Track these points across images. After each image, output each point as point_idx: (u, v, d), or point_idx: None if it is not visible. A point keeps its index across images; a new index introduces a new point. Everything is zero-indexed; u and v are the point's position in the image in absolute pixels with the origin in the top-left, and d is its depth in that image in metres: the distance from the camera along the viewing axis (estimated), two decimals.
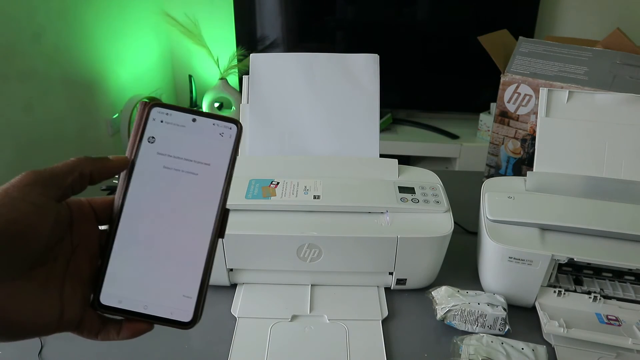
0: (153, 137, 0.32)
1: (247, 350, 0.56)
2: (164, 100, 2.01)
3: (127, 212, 0.32)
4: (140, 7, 1.93)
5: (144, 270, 0.31)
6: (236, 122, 0.33)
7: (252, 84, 0.75)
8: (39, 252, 0.28)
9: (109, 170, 0.31)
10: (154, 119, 0.32)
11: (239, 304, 0.63)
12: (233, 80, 2.13)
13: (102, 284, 0.31)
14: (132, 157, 0.32)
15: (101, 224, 0.33)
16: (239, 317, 0.61)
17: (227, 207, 0.32)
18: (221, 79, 2.05)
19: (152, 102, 0.33)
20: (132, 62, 1.89)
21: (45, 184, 0.28)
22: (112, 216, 0.32)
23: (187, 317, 0.31)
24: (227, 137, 0.32)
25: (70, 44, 1.53)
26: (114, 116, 1.77)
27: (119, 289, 0.31)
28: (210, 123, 0.32)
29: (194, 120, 0.32)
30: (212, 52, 2.05)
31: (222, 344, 0.57)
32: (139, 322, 0.31)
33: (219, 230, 0.32)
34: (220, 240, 0.32)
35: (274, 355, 0.56)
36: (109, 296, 0.31)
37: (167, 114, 0.32)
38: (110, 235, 0.31)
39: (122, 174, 0.32)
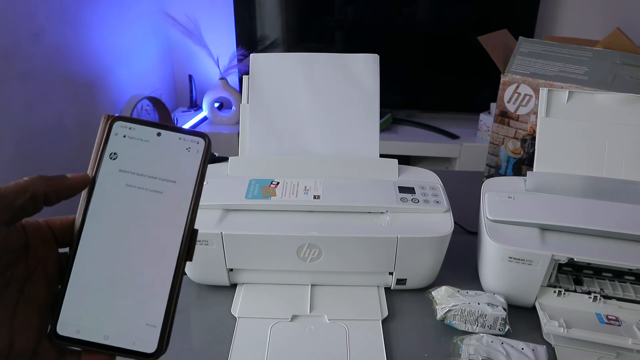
0: (115, 153, 0.30)
1: (247, 350, 0.56)
2: (164, 100, 2.01)
3: (87, 235, 0.29)
4: (140, 7, 1.93)
5: (104, 298, 0.29)
6: (204, 136, 0.31)
7: (252, 84, 0.75)
8: None
9: (67, 189, 0.29)
10: (116, 134, 0.31)
11: (239, 304, 0.63)
12: (233, 80, 2.13)
13: (60, 312, 0.29)
14: (93, 175, 0.30)
15: (61, 246, 0.30)
16: (239, 317, 0.61)
17: (196, 227, 0.30)
18: (221, 79, 2.05)
19: (114, 117, 0.31)
20: (132, 62, 1.89)
21: None
22: (72, 238, 0.30)
23: (150, 347, 0.28)
24: (194, 152, 0.30)
25: (70, 44, 1.53)
26: None
27: (77, 317, 0.29)
28: (176, 137, 0.31)
29: (158, 134, 0.31)
30: (212, 52, 2.05)
31: (222, 344, 0.57)
32: (98, 354, 0.28)
33: (186, 252, 0.30)
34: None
35: (274, 355, 0.56)
36: (66, 326, 0.28)
37: (130, 128, 0.31)
38: (69, 260, 0.29)
39: (83, 193, 0.30)
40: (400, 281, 0.65)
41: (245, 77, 0.75)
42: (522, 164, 0.92)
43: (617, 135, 0.69)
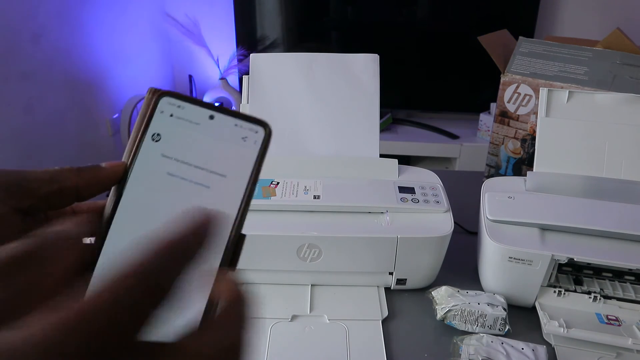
0: (159, 135, 0.26)
1: None
2: None
3: (117, 227, 0.25)
4: (140, 7, 1.93)
5: None
6: (264, 124, 0.27)
7: (252, 84, 0.75)
8: None
9: (101, 181, 0.25)
10: (162, 112, 0.26)
11: None
12: (233, 80, 2.13)
13: None
14: (131, 156, 0.26)
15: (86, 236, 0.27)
16: None
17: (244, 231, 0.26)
18: (221, 79, 2.05)
19: (162, 91, 0.26)
20: (132, 62, 1.89)
21: (7, 190, 0.22)
22: (99, 230, 0.26)
23: None
24: (251, 142, 0.26)
25: (70, 44, 1.53)
26: (114, 116, 1.77)
27: None
28: (231, 123, 0.26)
29: (211, 117, 0.26)
30: (212, 52, 2.05)
31: None
32: None
33: (230, 259, 0.26)
34: None
35: (274, 355, 0.56)
36: None
37: (179, 106, 0.26)
38: (95, 252, 0.25)
39: None
40: (400, 281, 0.65)
41: (245, 77, 0.75)
42: (522, 164, 0.92)
43: (617, 135, 0.69)
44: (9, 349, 0.16)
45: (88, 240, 0.26)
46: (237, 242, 0.26)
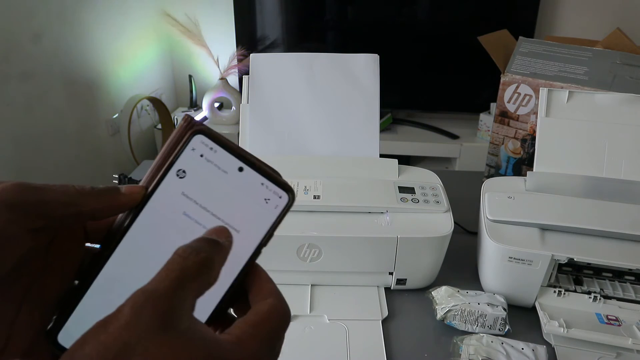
0: (184, 172, 0.25)
1: None
2: (164, 100, 2.01)
3: (122, 252, 0.25)
4: (140, 7, 1.93)
5: None
6: (290, 190, 0.26)
7: (252, 84, 0.75)
8: None
9: (119, 207, 0.25)
10: (193, 149, 0.25)
11: None
12: (233, 80, 2.13)
13: (68, 318, 0.24)
14: (152, 185, 0.26)
15: (90, 242, 0.27)
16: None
17: None
18: (221, 79, 2.05)
19: (198, 126, 0.26)
20: (132, 62, 1.89)
21: (24, 210, 0.22)
22: (104, 243, 0.26)
23: None
24: (272, 206, 0.26)
25: (70, 44, 1.53)
26: (114, 116, 1.77)
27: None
28: (258, 182, 0.26)
29: (240, 169, 0.26)
30: (212, 52, 2.05)
31: None
32: None
33: (222, 309, 0.26)
34: None
35: None
36: (69, 337, 0.24)
37: (211, 148, 0.25)
38: (95, 267, 0.25)
39: None
40: (400, 281, 0.65)
41: (245, 77, 0.75)
42: (522, 164, 0.92)
43: (617, 135, 0.69)
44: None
45: (90, 245, 0.26)
46: (231, 296, 0.26)
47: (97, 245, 0.26)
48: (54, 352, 0.25)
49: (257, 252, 0.26)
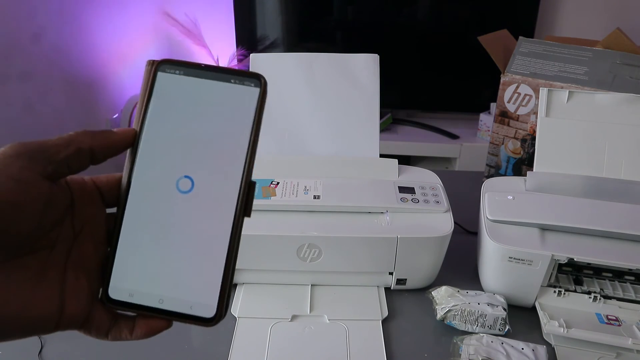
0: (161, 102, 0.28)
1: (247, 350, 0.56)
2: None
3: (135, 192, 0.27)
4: (140, 7, 1.93)
5: (157, 259, 0.27)
6: (258, 77, 0.28)
7: None
8: (28, 237, 0.24)
9: (113, 144, 0.27)
10: (162, 80, 0.28)
11: (239, 304, 0.63)
12: None
13: (110, 275, 0.27)
14: (139, 127, 0.27)
15: (108, 206, 0.28)
16: (239, 317, 0.61)
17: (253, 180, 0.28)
18: None
19: (159, 61, 0.28)
20: (132, 62, 1.89)
21: (31, 157, 0.24)
22: (120, 197, 0.28)
23: (209, 312, 0.26)
24: (249, 96, 0.27)
25: (70, 44, 1.53)
26: (114, 116, 1.77)
27: (130, 281, 0.27)
28: (228, 80, 0.27)
29: (208, 78, 0.28)
30: (212, 52, 2.05)
31: (222, 344, 0.57)
32: (154, 319, 0.27)
33: (244, 207, 0.27)
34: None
35: (274, 355, 0.56)
36: (118, 290, 0.27)
37: (176, 72, 0.28)
38: (118, 219, 0.27)
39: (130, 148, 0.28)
40: (400, 281, 0.65)
41: None
42: (522, 164, 0.92)
43: (617, 135, 0.69)
44: None
45: (111, 211, 0.28)
46: (248, 189, 0.27)
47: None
48: (114, 311, 0.27)
49: (253, 145, 0.27)
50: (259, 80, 0.28)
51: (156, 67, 0.28)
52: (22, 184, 0.23)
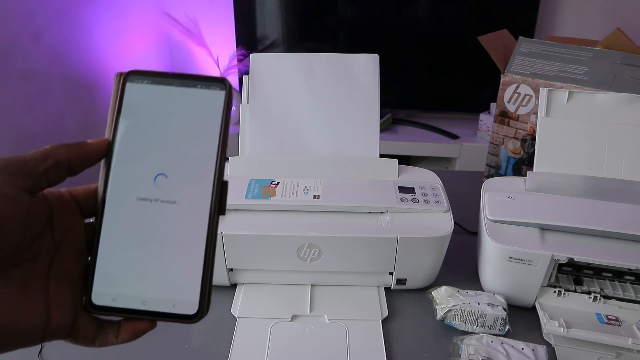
0: (131, 111, 0.29)
1: (247, 350, 0.56)
2: None
3: (111, 200, 0.28)
4: (140, 7, 1.93)
5: (136, 262, 0.28)
6: (223, 80, 0.29)
7: (252, 84, 0.75)
8: (10, 250, 0.24)
9: (89, 155, 0.28)
10: (131, 91, 0.29)
11: (239, 304, 0.63)
12: (233, 80, 2.13)
13: (93, 282, 0.28)
14: (112, 138, 0.28)
15: (86, 217, 0.29)
16: (239, 317, 0.61)
17: (224, 182, 0.29)
18: None
19: (126, 73, 0.29)
20: (132, 62, 1.89)
21: (12, 172, 0.25)
22: (96, 206, 0.29)
23: (191, 309, 0.27)
24: (214, 99, 0.29)
25: (70, 44, 1.53)
26: None
27: (112, 286, 0.28)
28: (194, 86, 0.29)
29: (175, 85, 0.29)
30: (212, 52, 2.05)
31: (222, 344, 0.57)
32: (138, 321, 0.28)
33: (218, 206, 0.28)
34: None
35: (274, 355, 0.56)
36: (101, 295, 0.27)
37: (144, 82, 0.29)
38: (96, 228, 0.28)
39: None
40: (400, 281, 0.65)
41: (245, 77, 0.75)
42: (522, 164, 0.92)
43: (617, 135, 0.69)
44: None
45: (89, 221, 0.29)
46: (221, 189, 0.28)
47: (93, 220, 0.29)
48: (98, 318, 0.28)
49: (222, 146, 0.28)
50: (223, 84, 0.29)
51: (124, 78, 0.29)
52: (4, 199, 0.24)
